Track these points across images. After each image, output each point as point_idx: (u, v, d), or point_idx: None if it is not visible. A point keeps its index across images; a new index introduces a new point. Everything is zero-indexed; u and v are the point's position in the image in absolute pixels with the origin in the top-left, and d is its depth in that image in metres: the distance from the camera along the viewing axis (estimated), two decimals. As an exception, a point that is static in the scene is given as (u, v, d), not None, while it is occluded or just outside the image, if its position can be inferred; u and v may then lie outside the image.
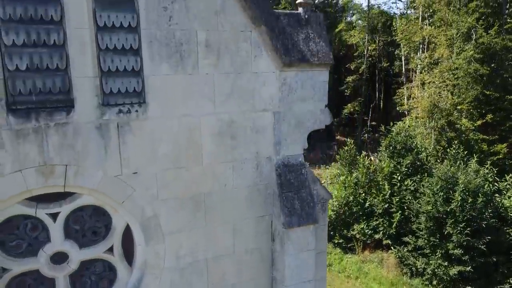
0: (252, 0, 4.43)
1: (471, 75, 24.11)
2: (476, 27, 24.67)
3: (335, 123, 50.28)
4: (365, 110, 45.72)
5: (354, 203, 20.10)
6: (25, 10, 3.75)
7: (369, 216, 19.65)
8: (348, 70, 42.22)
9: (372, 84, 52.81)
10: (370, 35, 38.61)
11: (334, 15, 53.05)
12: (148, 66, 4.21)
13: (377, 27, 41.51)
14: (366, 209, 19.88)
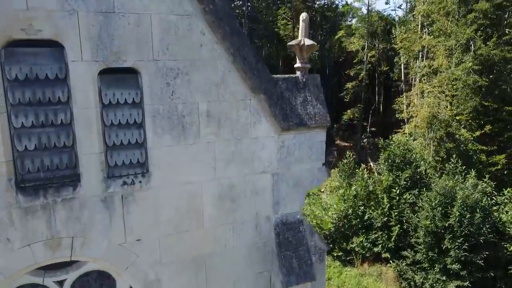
0: (251, 72, 4.58)
1: (470, 86, 24.25)
2: (475, 38, 24.80)
3: (335, 129, 50.42)
4: (365, 115, 45.83)
5: (353, 216, 20.26)
6: (33, 94, 3.90)
7: (368, 229, 19.82)
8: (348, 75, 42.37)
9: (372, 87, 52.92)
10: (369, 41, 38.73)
11: (334, 19, 53.17)
12: (151, 138, 4.37)
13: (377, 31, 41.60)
14: (365, 221, 20.05)
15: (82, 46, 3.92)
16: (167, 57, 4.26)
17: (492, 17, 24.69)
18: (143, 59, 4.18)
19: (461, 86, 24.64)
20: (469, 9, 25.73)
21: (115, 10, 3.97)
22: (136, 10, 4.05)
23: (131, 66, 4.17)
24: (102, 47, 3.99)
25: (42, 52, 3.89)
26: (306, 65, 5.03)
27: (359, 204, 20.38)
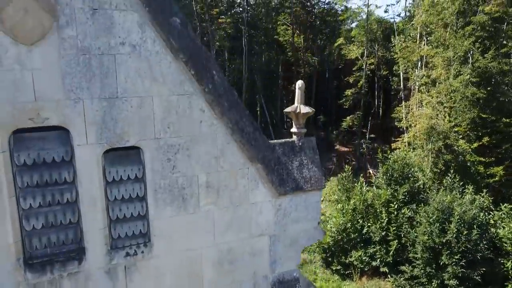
0: (249, 143, 4.77)
1: (468, 98, 24.42)
2: (473, 50, 24.97)
3: (334, 134, 50.55)
4: (364, 122, 45.97)
5: (352, 230, 20.45)
6: (40, 177, 4.09)
7: (367, 243, 20.01)
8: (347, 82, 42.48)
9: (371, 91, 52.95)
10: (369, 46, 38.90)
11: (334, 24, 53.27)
12: (153, 210, 4.56)
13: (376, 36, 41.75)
14: (363, 235, 20.25)
15: (87, 131, 4.11)
16: (168, 135, 4.45)
17: (490, 29, 24.85)
18: (145, 138, 4.37)
19: (459, 98, 24.82)
20: (467, 21, 25.87)
21: (118, 95, 4.16)
22: (138, 93, 4.24)
23: (134, 145, 4.35)
24: (106, 130, 4.18)
25: (49, 136, 4.08)
26: (302, 130, 5.22)
27: (358, 218, 20.57)
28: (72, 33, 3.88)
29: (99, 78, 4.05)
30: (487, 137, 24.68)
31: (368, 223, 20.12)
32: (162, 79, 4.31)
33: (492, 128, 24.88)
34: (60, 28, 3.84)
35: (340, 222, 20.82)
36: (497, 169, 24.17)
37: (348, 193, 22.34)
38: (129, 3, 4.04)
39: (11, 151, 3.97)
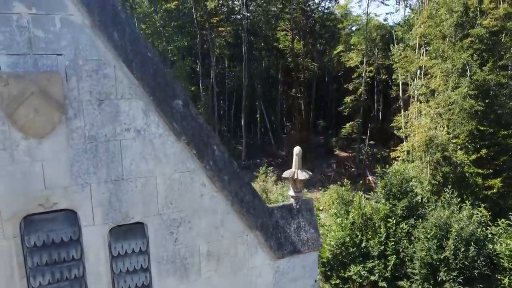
0: (248, 212, 4.98)
1: (466, 110, 24.62)
2: (471, 62, 25.15)
3: (334, 141, 50.70)
4: (364, 129, 46.15)
5: (350, 244, 20.66)
6: (49, 256, 4.30)
7: (365, 257, 20.22)
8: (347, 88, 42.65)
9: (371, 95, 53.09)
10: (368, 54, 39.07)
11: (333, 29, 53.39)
12: (156, 281, 4.77)
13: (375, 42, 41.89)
14: (362, 249, 20.45)
15: (94, 212, 4.32)
16: (171, 210, 4.65)
17: (488, 42, 25.02)
18: (149, 215, 4.58)
19: (457, 110, 25.02)
20: (466, 34, 26.04)
21: (124, 177, 4.36)
22: (143, 174, 4.44)
23: (138, 221, 4.56)
24: (112, 210, 4.39)
25: (58, 217, 4.29)
26: (300, 193, 5.42)
27: (356, 232, 20.76)
28: (80, 124, 4.09)
29: (106, 163, 4.25)
30: (485, 149, 24.89)
31: (366, 237, 20.32)
32: (165, 159, 4.52)
33: (490, 140, 25.09)
34: (68, 120, 4.04)
35: (339, 236, 21.01)
36: (495, 181, 24.39)
37: (347, 206, 22.53)
38: (134, 92, 4.24)
39: (22, 235, 4.18)
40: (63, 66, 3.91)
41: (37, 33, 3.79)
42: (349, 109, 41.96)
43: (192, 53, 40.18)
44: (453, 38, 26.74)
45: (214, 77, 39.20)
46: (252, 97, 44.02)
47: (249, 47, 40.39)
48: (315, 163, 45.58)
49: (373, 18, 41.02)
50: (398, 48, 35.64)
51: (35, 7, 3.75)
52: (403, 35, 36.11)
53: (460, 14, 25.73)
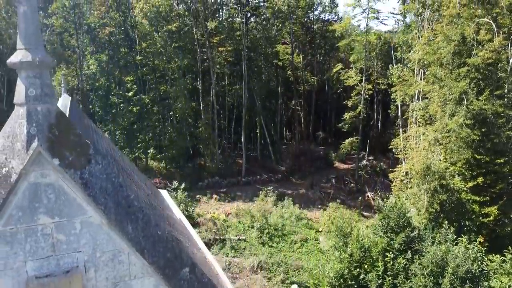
0: None
1: (463, 139, 25.03)
2: (468, 91, 25.54)
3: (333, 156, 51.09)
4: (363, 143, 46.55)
5: (349, 277, 21.14)
6: None
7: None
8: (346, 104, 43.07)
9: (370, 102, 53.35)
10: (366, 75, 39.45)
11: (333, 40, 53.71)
12: None
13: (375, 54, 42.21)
14: (360, 282, 20.92)
15: None
16: None
17: (484, 72, 25.38)
18: None
19: (454, 138, 25.43)
20: (463, 62, 26.41)
21: None
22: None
23: None
24: None
25: None
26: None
27: (355, 264, 21.22)
28: (96, 305, 4.50)
29: (120, 335, 4.67)
30: (481, 177, 25.30)
31: (365, 269, 20.78)
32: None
33: (487, 168, 25.50)
34: (86, 303, 4.46)
35: (338, 268, 21.48)
36: (492, 209, 24.85)
37: (346, 238, 22.97)
38: (146, 271, 4.65)
39: None
40: (82, 261, 4.33)
41: (60, 237, 4.20)
42: (348, 125, 42.33)
43: (193, 71, 40.56)
44: (450, 65, 27.11)
45: (214, 94, 39.60)
46: (253, 111, 44.39)
47: (249, 63, 40.75)
48: (314, 178, 45.92)
49: (372, 29, 41.00)
50: (397, 69, 36.05)
51: (57, 216, 4.16)
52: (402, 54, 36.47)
53: (457, 43, 26.08)
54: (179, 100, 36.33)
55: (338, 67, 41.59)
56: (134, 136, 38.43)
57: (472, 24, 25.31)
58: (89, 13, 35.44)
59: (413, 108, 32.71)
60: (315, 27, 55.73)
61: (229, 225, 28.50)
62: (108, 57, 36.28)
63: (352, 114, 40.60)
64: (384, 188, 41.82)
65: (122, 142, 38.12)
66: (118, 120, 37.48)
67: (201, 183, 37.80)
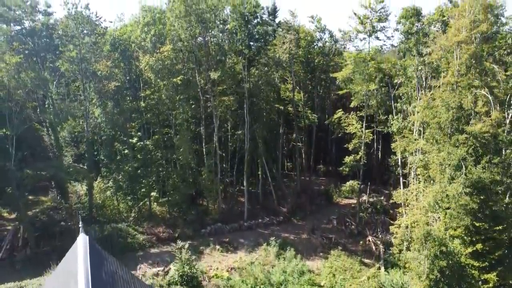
0: None
1: (462, 206, 25.56)
2: (467, 158, 26.13)
3: (334, 190, 51.59)
4: (363, 186, 47.04)
5: None
6: None
7: None
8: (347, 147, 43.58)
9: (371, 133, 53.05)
10: (366, 122, 40.10)
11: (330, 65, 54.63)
12: None
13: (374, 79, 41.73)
14: None
15: None
16: None
17: (482, 141, 26.00)
18: None
19: (453, 205, 25.94)
20: (461, 128, 27.06)
21: None
22: None
23: None
24: None
25: None
26: None
27: None
28: None
29: None
30: (480, 243, 25.77)
31: None
32: None
33: (486, 235, 25.98)
34: None
35: None
36: (491, 276, 25.31)
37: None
38: None
39: None
40: None
41: None
42: (349, 169, 42.84)
43: (196, 116, 41.24)
44: (448, 129, 27.75)
45: (217, 140, 40.21)
46: (255, 152, 44.90)
47: (251, 107, 41.42)
48: (316, 218, 46.15)
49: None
50: (397, 120, 36.73)
51: None
52: (402, 105, 37.18)
53: (455, 111, 26.75)
54: (183, 149, 36.93)
55: (339, 114, 42.25)
56: (138, 182, 38.95)
57: (470, 95, 26.00)
58: (95, 65, 36.17)
59: (413, 161, 33.34)
60: (316, 61, 56.60)
61: (232, 285, 28.86)
62: (113, 106, 36.96)
63: (353, 158, 41.13)
64: (385, 229, 42.19)
65: (126, 189, 38.64)
66: (123, 167, 38.02)
67: (204, 230, 38.21)
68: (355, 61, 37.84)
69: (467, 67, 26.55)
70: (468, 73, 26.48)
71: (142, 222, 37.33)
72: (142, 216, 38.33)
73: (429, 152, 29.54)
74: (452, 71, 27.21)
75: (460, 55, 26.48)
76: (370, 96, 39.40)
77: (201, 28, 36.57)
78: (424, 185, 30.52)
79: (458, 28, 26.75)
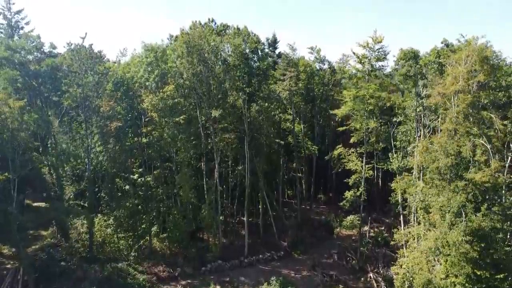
0: None
1: (463, 254, 25.58)
2: (467, 204, 26.28)
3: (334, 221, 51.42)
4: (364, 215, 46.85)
5: None
6: None
7: None
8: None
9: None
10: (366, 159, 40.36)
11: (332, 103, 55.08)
12: None
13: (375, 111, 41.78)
14: None
15: None
16: None
17: (481, 188, 26.20)
18: None
19: (454, 252, 25.96)
20: (460, 175, 27.30)
21: None
22: None
23: None
24: None
25: None
26: None
27: None
28: None
29: None
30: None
31: None
32: None
33: (487, 283, 25.93)
34: None
35: None
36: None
37: None
38: None
39: None
40: None
41: None
42: (349, 204, 42.84)
43: (197, 152, 41.48)
44: (447, 175, 27.97)
45: (218, 177, 40.38)
46: (256, 185, 44.97)
47: (252, 142, 41.73)
48: (316, 251, 45.82)
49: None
50: (397, 158, 37.00)
51: None
52: (402, 144, 37.50)
53: (455, 157, 27.03)
54: (183, 188, 37.09)
55: (339, 150, 42.53)
56: (139, 218, 38.97)
57: (468, 143, 26.33)
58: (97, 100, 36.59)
59: (412, 201, 33.48)
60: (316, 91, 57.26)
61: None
62: (114, 143, 37.26)
63: (354, 193, 41.20)
64: (387, 263, 41.97)
65: (127, 225, 38.61)
66: (123, 204, 38.07)
67: (204, 268, 38.02)
68: (354, 99, 38.32)
69: (465, 115, 26.98)
70: (466, 121, 26.90)
71: (142, 261, 37.17)
72: (142, 254, 38.19)
73: (429, 195, 29.74)
74: (450, 118, 27.61)
75: (458, 102, 26.94)
76: (370, 133, 39.71)
77: (202, 67, 37.21)
78: (424, 227, 30.60)
79: (456, 77, 27.28)
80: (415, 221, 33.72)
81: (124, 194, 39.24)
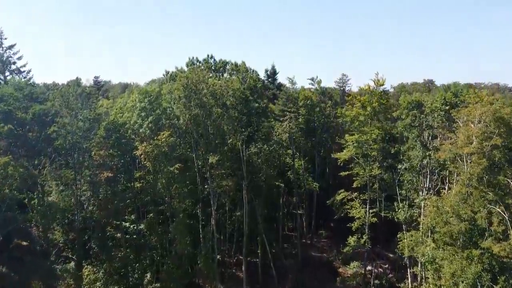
0: None
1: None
2: (482, 276, 24.43)
3: (338, 259, 49.46)
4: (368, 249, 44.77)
5: None
6: None
7: None
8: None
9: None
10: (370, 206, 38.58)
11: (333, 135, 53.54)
12: None
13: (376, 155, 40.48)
14: None
15: None
16: None
17: (499, 260, 24.37)
18: None
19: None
20: (475, 241, 25.49)
21: None
22: None
23: None
24: None
25: None
26: None
27: None
28: None
29: None
30: None
31: None
32: None
33: None
34: None
35: None
36: None
37: None
38: None
39: None
40: None
41: None
42: (351, 249, 40.99)
43: (193, 198, 39.56)
44: (460, 240, 26.16)
45: (214, 224, 38.42)
46: (255, 228, 43.01)
47: (250, 184, 39.89)
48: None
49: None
50: (403, 208, 35.21)
51: None
52: (407, 193, 35.77)
53: (469, 222, 25.24)
54: (178, 239, 35.12)
55: (341, 194, 40.75)
56: (131, 267, 36.90)
57: (483, 209, 24.56)
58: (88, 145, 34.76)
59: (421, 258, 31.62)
60: (316, 122, 55.65)
61: None
62: (105, 193, 35.39)
63: (357, 239, 39.34)
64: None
65: (117, 277, 36.47)
66: (115, 254, 36.02)
67: (200, 324, 35.91)
68: (357, 143, 36.65)
69: (479, 178, 25.25)
70: (481, 185, 25.13)
71: (135, 318, 35.01)
72: (134, 309, 36.03)
73: (439, 258, 27.86)
74: (463, 180, 25.86)
75: (471, 165, 25.21)
76: (374, 178, 37.99)
77: (200, 110, 35.47)
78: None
79: (468, 136, 25.61)
80: (424, 279, 31.73)
81: (115, 243, 37.18)
